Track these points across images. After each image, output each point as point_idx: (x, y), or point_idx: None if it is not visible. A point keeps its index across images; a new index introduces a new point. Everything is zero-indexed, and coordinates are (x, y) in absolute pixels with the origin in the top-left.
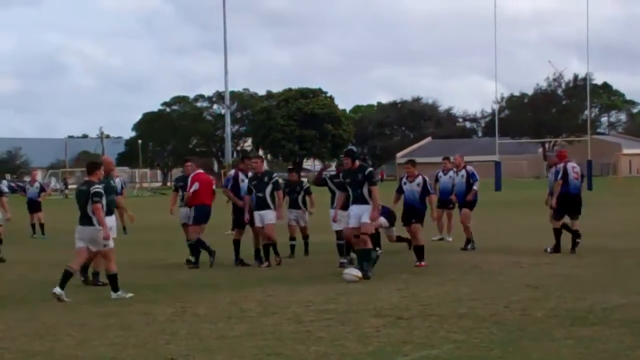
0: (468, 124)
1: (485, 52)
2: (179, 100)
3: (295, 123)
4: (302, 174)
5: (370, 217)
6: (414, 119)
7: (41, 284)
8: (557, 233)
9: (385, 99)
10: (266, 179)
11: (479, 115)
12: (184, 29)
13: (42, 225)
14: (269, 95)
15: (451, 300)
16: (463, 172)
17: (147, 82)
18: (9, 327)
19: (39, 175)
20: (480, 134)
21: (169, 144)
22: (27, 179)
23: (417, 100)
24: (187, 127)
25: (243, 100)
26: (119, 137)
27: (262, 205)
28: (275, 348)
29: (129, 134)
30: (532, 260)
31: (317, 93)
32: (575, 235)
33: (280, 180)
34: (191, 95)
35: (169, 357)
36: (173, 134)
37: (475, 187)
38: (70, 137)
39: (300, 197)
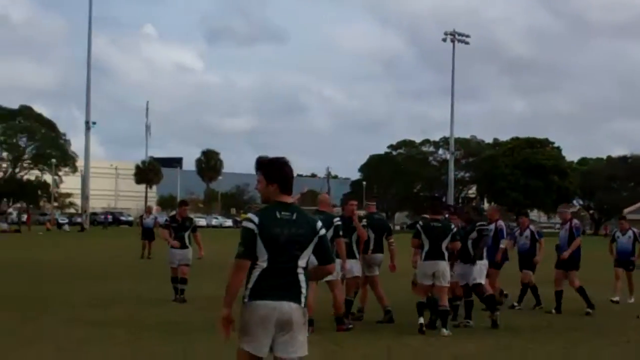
0: None
1: None
2: (406, 143)
3: (521, 172)
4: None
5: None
6: None
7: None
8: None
9: (617, 153)
10: None
11: None
12: (423, 74)
13: (149, 252)
14: (496, 143)
15: None
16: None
17: (382, 125)
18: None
19: (154, 210)
20: None
21: (393, 186)
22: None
23: None
24: (412, 171)
25: (469, 147)
26: (347, 178)
27: None
28: None
29: (356, 175)
30: None
31: (545, 143)
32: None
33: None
34: (418, 140)
35: None
36: (397, 177)
37: (501, 245)
38: (299, 175)
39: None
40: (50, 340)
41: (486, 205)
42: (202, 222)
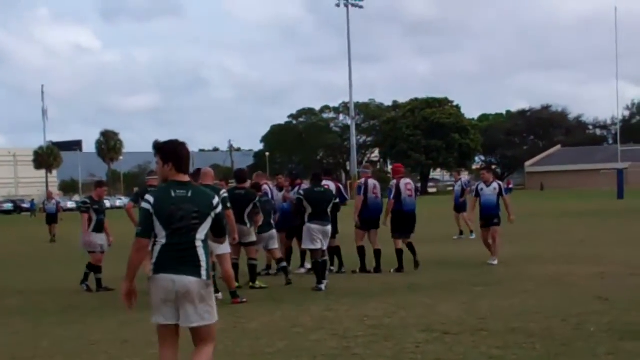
0: (598, 131)
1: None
2: (306, 112)
3: (422, 133)
4: (429, 184)
5: None
6: (543, 127)
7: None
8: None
9: (518, 107)
10: None
11: (609, 122)
12: (323, 40)
13: (54, 235)
14: (395, 105)
15: (511, 313)
16: None
17: (284, 94)
18: (53, 345)
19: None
20: (610, 141)
21: (297, 156)
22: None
23: (546, 108)
24: (314, 139)
25: (370, 111)
26: (250, 150)
27: None
28: None
29: (259, 146)
30: (618, 271)
31: (444, 102)
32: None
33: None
34: (318, 107)
35: None
36: (300, 146)
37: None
38: (202, 150)
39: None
40: None
41: (389, 167)
42: (106, 203)
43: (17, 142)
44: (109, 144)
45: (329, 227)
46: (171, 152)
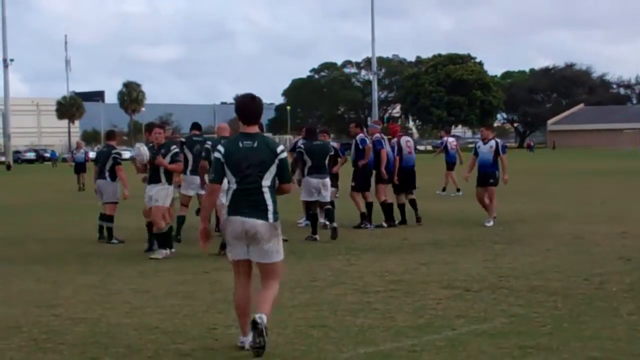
0: (622, 91)
1: None
2: (328, 66)
3: (444, 89)
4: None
5: None
6: (566, 86)
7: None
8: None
9: (541, 65)
10: None
11: (633, 81)
12: None
13: (82, 184)
14: (418, 61)
15: (532, 272)
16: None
17: (308, 48)
18: (74, 293)
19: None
20: (634, 100)
21: (318, 110)
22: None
23: (570, 66)
24: (335, 94)
25: (392, 66)
26: (271, 103)
27: None
28: (323, 319)
29: (281, 99)
30: None
31: (466, 59)
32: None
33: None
34: (340, 62)
35: (212, 326)
36: (321, 101)
37: None
38: (224, 103)
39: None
40: None
41: (411, 123)
42: (127, 154)
43: (40, 91)
44: (131, 95)
45: (327, 179)
46: (237, 106)
